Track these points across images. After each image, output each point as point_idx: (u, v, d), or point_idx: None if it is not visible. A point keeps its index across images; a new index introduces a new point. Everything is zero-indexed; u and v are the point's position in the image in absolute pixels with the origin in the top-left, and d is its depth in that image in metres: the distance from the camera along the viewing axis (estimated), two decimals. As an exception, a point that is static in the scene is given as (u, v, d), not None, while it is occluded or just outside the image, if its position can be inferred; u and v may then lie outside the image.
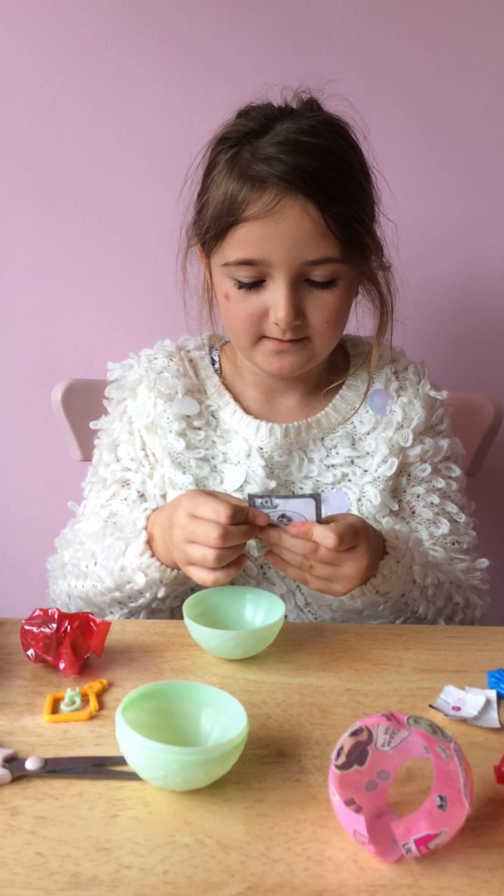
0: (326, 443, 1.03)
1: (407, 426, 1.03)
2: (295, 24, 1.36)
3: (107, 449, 1.05)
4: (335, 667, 0.81)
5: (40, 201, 1.41)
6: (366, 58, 1.37)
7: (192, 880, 0.53)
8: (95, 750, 0.66)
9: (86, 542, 0.99)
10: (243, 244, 0.90)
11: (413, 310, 1.07)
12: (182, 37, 1.35)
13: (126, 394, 1.05)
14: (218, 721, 0.65)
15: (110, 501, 1.03)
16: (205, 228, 0.94)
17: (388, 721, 0.57)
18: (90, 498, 1.05)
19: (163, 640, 0.84)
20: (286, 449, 1.02)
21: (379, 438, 1.03)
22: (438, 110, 1.40)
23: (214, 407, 1.04)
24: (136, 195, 1.41)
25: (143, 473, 1.03)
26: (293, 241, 0.89)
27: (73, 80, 1.36)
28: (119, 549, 0.90)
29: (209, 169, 0.95)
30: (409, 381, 1.05)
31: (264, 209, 0.88)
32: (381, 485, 1.01)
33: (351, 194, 0.91)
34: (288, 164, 0.87)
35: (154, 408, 1.02)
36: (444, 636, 0.88)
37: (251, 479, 1.00)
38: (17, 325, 1.46)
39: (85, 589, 0.95)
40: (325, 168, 0.88)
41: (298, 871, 0.54)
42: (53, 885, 0.52)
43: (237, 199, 0.89)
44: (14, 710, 0.71)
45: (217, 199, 0.92)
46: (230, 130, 0.94)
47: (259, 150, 0.89)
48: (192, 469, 1.01)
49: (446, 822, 0.55)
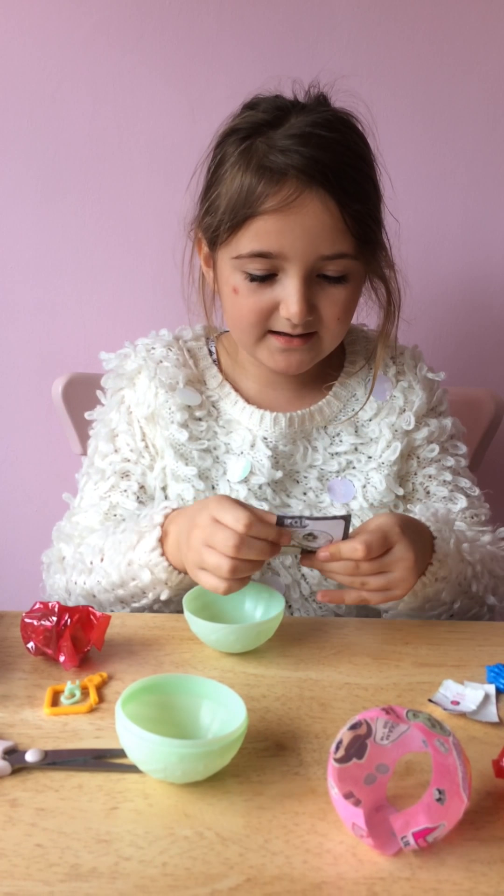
0: (329, 431, 1.03)
1: (409, 410, 1.03)
2: (297, 19, 1.35)
3: (104, 440, 1.03)
4: (335, 661, 0.81)
5: (41, 195, 1.41)
6: (368, 52, 1.37)
7: (191, 872, 0.53)
8: (95, 742, 0.66)
9: (88, 537, 0.98)
10: (259, 237, 0.89)
11: (413, 306, 1.07)
12: (184, 30, 1.35)
13: (123, 383, 1.04)
14: (217, 714, 0.65)
15: (109, 493, 1.01)
16: (217, 221, 0.92)
17: (387, 715, 0.57)
18: (86, 489, 1.03)
19: (163, 633, 0.84)
20: (290, 438, 1.02)
21: (382, 424, 1.03)
22: (441, 105, 1.40)
23: (215, 397, 1.03)
24: (137, 189, 1.41)
25: (142, 465, 1.02)
26: (311, 235, 0.88)
27: (74, 73, 1.36)
28: (130, 542, 0.89)
29: (219, 161, 0.93)
30: (406, 366, 1.06)
31: (283, 202, 0.87)
32: (385, 470, 1.02)
33: (366, 191, 0.92)
34: (308, 157, 0.86)
35: (155, 398, 1.01)
36: (444, 631, 0.88)
37: (257, 470, 0.99)
38: (17, 319, 1.46)
39: (89, 585, 0.93)
40: (343, 163, 0.88)
41: (297, 864, 0.54)
42: (53, 877, 0.52)
43: (254, 191, 0.88)
44: (14, 702, 0.71)
45: (231, 192, 0.90)
46: (241, 122, 0.92)
47: (275, 141, 0.88)
48: (195, 460, 1.00)
49: (445, 816, 0.55)
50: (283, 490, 1.01)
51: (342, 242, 0.90)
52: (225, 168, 0.92)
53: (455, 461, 1.06)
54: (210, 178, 0.95)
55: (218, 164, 0.94)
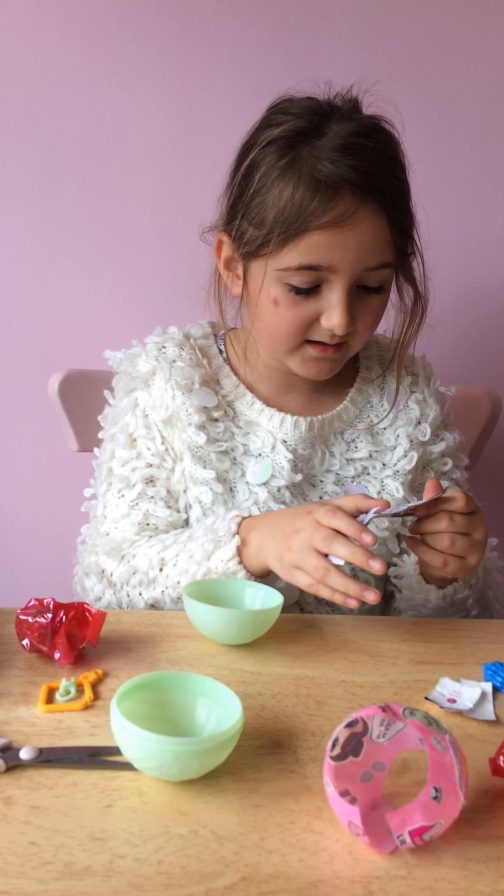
0: (346, 436, 1.03)
1: (424, 422, 1.05)
2: (295, 13, 1.35)
3: (122, 446, 1.00)
4: (331, 658, 0.81)
5: (38, 190, 1.40)
6: (367, 46, 1.37)
7: (186, 870, 0.53)
8: (90, 740, 0.66)
9: (134, 550, 0.95)
10: (311, 251, 0.87)
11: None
12: (182, 24, 1.35)
13: (135, 384, 1.01)
14: (213, 712, 0.65)
15: (137, 501, 0.98)
16: (262, 234, 0.89)
17: (384, 713, 0.56)
18: (109, 498, 1.00)
19: (158, 630, 0.84)
20: (310, 442, 1.01)
21: (399, 433, 1.04)
22: (442, 102, 1.40)
23: (231, 398, 1.02)
24: (135, 184, 1.41)
25: (166, 469, 1.00)
26: (362, 249, 0.88)
27: (71, 68, 1.35)
28: (205, 551, 0.88)
29: (254, 167, 0.90)
30: (420, 377, 1.07)
31: (339, 217, 0.86)
32: (400, 478, 1.03)
33: (408, 202, 0.92)
34: (360, 171, 0.85)
35: (173, 400, 0.98)
36: (441, 629, 0.88)
37: (277, 472, 0.99)
38: (13, 315, 1.46)
39: (152, 596, 0.92)
40: (391, 175, 0.88)
41: (293, 862, 0.54)
42: (47, 875, 0.52)
43: (308, 206, 0.86)
44: (9, 699, 0.71)
45: (281, 204, 0.87)
46: (281, 131, 0.89)
47: (322, 152, 0.86)
48: (213, 463, 0.98)
49: (441, 814, 0.55)
50: (301, 493, 1.01)
51: (387, 253, 0.90)
52: (267, 177, 0.89)
53: (461, 473, 1.09)
54: (243, 183, 0.92)
55: (252, 171, 0.90)
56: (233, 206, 0.94)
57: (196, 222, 1.00)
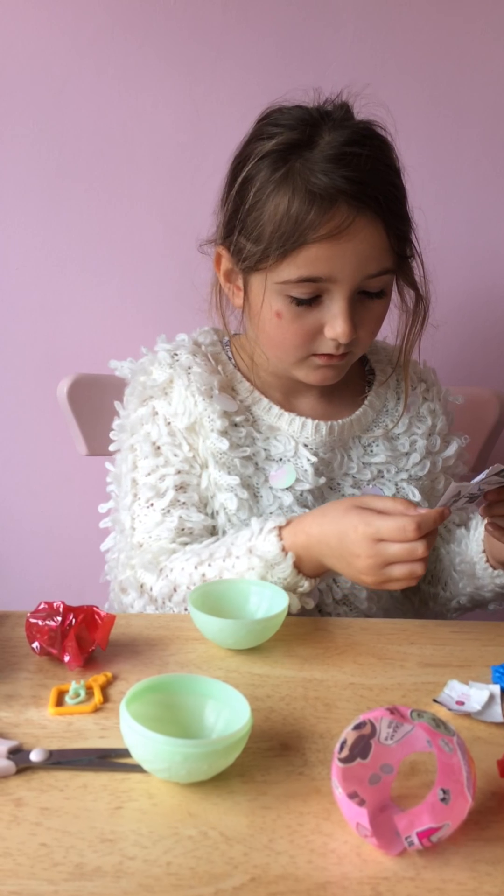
0: (363, 440, 1.04)
1: (434, 432, 1.07)
2: (301, 19, 1.35)
3: (146, 455, 0.98)
4: (339, 661, 0.81)
5: (46, 196, 1.41)
6: (374, 49, 1.37)
7: (195, 872, 0.53)
8: (100, 742, 0.66)
9: (171, 563, 0.92)
10: (309, 263, 0.87)
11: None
12: (188, 30, 1.35)
13: (151, 393, 1.00)
14: (222, 714, 0.65)
15: (170, 508, 0.96)
16: (261, 249, 0.89)
17: (392, 715, 0.57)
18: (136, 509, 0.98)
19: (167, 633, 0.84)
20: (330, 446, 1.02)
21: (414, 439, 1.05)
22: (444, 102, 1.40)
23: (248, 402, 1.02)
24: (142, 190, 1.41)
25: (194, 475, 0.98)
26: (361, 258, 0.88)
27: (78, 73, 1.36)
28: (259, 575, 0.87)
29: (249, 181, 0.90)
30: (430, 384, 1.09)
31: (336, 229, 0.86)
32: (415, 483, 1.04)
33: (404, 206, 0.92)
34: (354, 182, 0.85)
35: (195, 406, 0.97)
36: (449, 631, 0.88)
37: (301, 476, 0.99)
38: (23, 320, 1.46)
39: None
40: (386, 182, 0.88)
41: (301, 864, 0.54)
42: (57, 876, 0.52)
43: (305, 219, 0.86)
44: (19, 702, 0.71)
45: (277, 219, 0.87)
46: (273, 144, 0.88)
47: (315, 164, 0.86)
48: (238, 468, 0.98)
49: (449, 816, 0.55)
50: (322, 497, 1.02)
51: (386, 260, 0.90)
52: (262, 192, 0.89)
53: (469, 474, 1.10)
54: (238, 198, 0.92)
55: (246, 186, 0.90)
56: (229, 221, 0.94)
57: (204, 227, 1.00)
